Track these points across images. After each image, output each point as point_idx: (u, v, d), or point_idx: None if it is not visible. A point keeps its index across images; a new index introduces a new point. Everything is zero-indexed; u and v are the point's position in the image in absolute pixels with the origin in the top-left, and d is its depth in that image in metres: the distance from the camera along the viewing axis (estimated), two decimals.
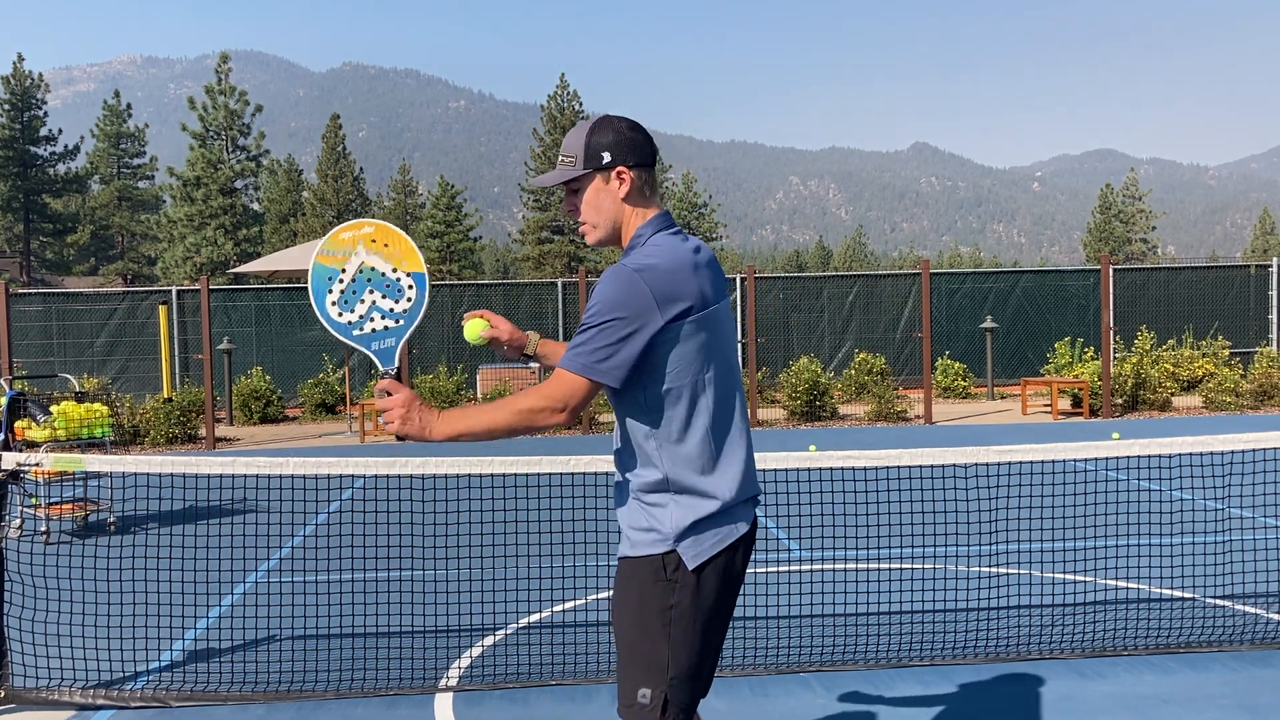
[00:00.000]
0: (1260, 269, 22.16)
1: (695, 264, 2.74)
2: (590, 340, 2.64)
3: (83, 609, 5.76)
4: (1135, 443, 4.85)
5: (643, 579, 2.75)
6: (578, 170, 2.78)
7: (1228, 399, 16.96)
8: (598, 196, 2.80)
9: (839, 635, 5.49)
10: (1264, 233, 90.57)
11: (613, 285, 2.64)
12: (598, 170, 2.78)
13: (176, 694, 4.80)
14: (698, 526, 2.72)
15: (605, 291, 2.64)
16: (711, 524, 2.73)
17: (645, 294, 2.62)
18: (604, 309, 2.63)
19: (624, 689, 2.76)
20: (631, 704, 2.73)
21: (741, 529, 2.79)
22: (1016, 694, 4.63)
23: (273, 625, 5.94)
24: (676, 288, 2.66)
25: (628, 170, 2.78)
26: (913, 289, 21.63)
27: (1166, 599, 6.04)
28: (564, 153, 2.81)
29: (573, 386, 2.65)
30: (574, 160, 2.79)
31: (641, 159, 2.80)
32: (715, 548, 2.74)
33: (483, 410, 2.70)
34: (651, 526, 2.75)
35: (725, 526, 2.76)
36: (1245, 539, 7.54)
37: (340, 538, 8.26)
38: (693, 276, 2.71)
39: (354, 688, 4.86)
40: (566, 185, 2.84)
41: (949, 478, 10.26)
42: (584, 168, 2.78)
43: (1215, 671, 4.86)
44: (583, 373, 2.63)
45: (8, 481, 4.77)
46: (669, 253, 2.70)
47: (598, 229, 2.82)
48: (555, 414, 2.66)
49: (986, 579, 6.55)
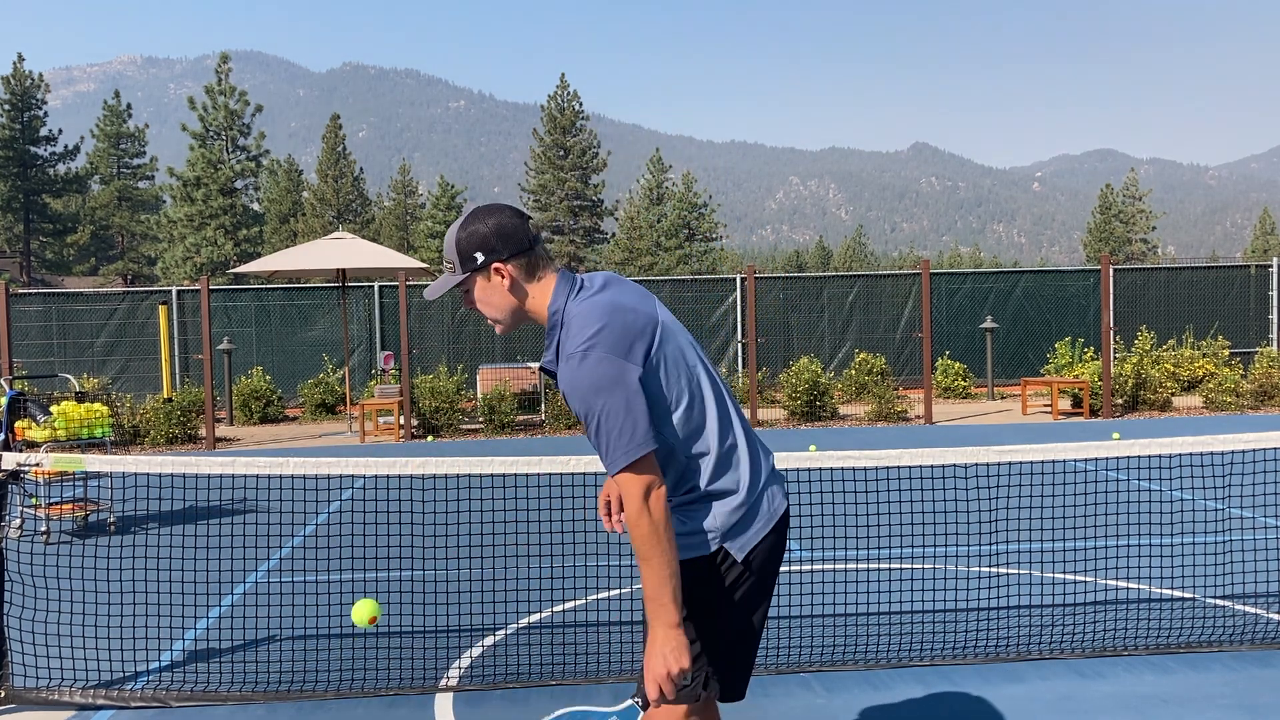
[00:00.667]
0: (1260, 269, 22.15)
1: (616, 300, 2.71)
2: (612, 434, 2.61)
3: (83, 609, 5.76)
4: (1135, 443, 4.85)
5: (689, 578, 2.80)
6: (459, 276, 2.78)
7: (1228, 399, 16.96)
8: (486, 294, 2.80)
9: (839, 635, 5.49)
10: (1264, 233, 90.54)
11: (584, 380, 2.61)
12: (475, 271, 2.77)
13: (176, 694, 4.80)
14: (742, 523, 2.78)
15: (582, 389, 2.61)
16: (751, 515, 2.80)
17: (611, 363, 2.60)
18: (596, 403, 2.60)
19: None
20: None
21: (780, 509, 2.86)
22: (1016, 694, 4.63)
23: (273, 625, 5.94)
24: (626, 337, 2.64)
25: (503, 265, 2.76)
26: (913, 289, 21.63)
27: (1166, 599, 6.03)
28: (445, 258, 2.82)
29: (642, 471, 2.61)
30: (453, 266, 2.80)
31: (517, 248, 2.76)
32: (759, 535, 2.80)
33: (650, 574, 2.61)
34: (694, 530, 2.79)
35: (763, 514, 2.82)
36: (1245, 539, 7.53)
37: (340, 538, 8.26)
38: (626, 313, 2.69)
39: (354, 688, 4.86)
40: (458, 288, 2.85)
41: (949, 478, 10.26)
42: (462, 272, 2.78)
43: (1215, 671, 4.86)
44: (635, 458, 2.60)
45: (8, 481, 4.77)
46: (595, 311, 2.67)
47: (501, 322, 2.84)
48: (655, 494, 2.62)
49: (986, 579, 6.55)
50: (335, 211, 61.62)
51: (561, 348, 2.72)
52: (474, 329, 20.93)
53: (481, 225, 2.75)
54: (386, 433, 16.00)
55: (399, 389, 15.97)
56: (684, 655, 2.61)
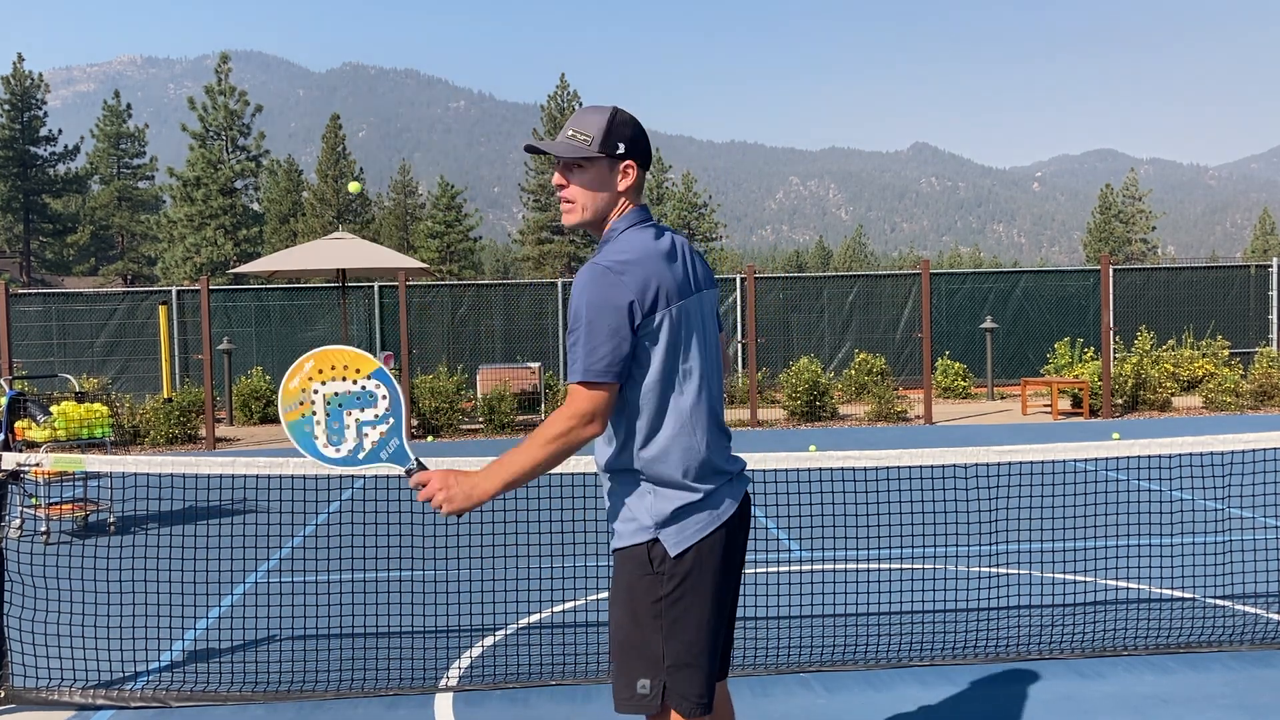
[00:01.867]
0: (1260, 269, 22.15)
1: (667, 257, 2.76)
2: (585, 345, 2.65)
3: (83, 609, 5.75)
4: (1135, 443, 4.85)
5: (630, 569, 2.78)
6: (590, 151, 2.77)
7: (1228, 399, 16.96)
8: (599, 181, 2.81)
9: (839, 635, 5.48)
10: (1264, 233, 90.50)
11: (591, 286, 2.66)
12: (609, 157, 2.79)
13: (176, 694, 4.80)
14: (679, 514, 2.75)
15: (586, 294, 2.66)
16: (693, 510, 2.76)
17: (623, 291, 2.65)
18: (588, 311, 2.65)
19: (621, 682, 2.77)
20: (631, 696, 2.75)
21: (728, 512, 2.81)
22: (1016, 694, 4.63)
23: (273, 625, 5.94)
24: (649, 282, 2.68)
25: (635, 166, 2.82)
26: (913, 289, 21.63)
27: (1166, 599, 6.03)
28: (577, 129, 2.79)
29: (591, 397, 2.67)
30: (588, 141, 2.77)
31: (645, 161, 2.85)
32: (700, 533, 2.75)
33: (519, 452, 2.71)
34: (633, 516, 2.78)
35: (707, 512, 2.77)
36: (1245, 539, 7.53)
37: (340, 538, 8.26)
38: (666, 270, 2.73)
39: (354, 688, 4.86)
40: (566, 160, 2.81)
41: (949, 478, 10.26)
42: (598, 150, 2.78)
43: (1215, 671, 4.86)
44: (593, 379, 2.65)
45: (8, 481, 4.77)
46: (640, 248, 2.73)
47: (585, 211, 2.82)
48: (588, 427, 2.69)
49: (986, 579, 6.55)
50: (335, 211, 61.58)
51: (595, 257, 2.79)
52: (474, 329, 20.93)
53: (634, 125, 2.81)
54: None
55: None
56: (436, 499, 2.71)
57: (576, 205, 2.81)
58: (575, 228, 2.87)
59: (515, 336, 20.86)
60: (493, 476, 2.71)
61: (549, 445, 2.68)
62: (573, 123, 2.80)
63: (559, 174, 2.82)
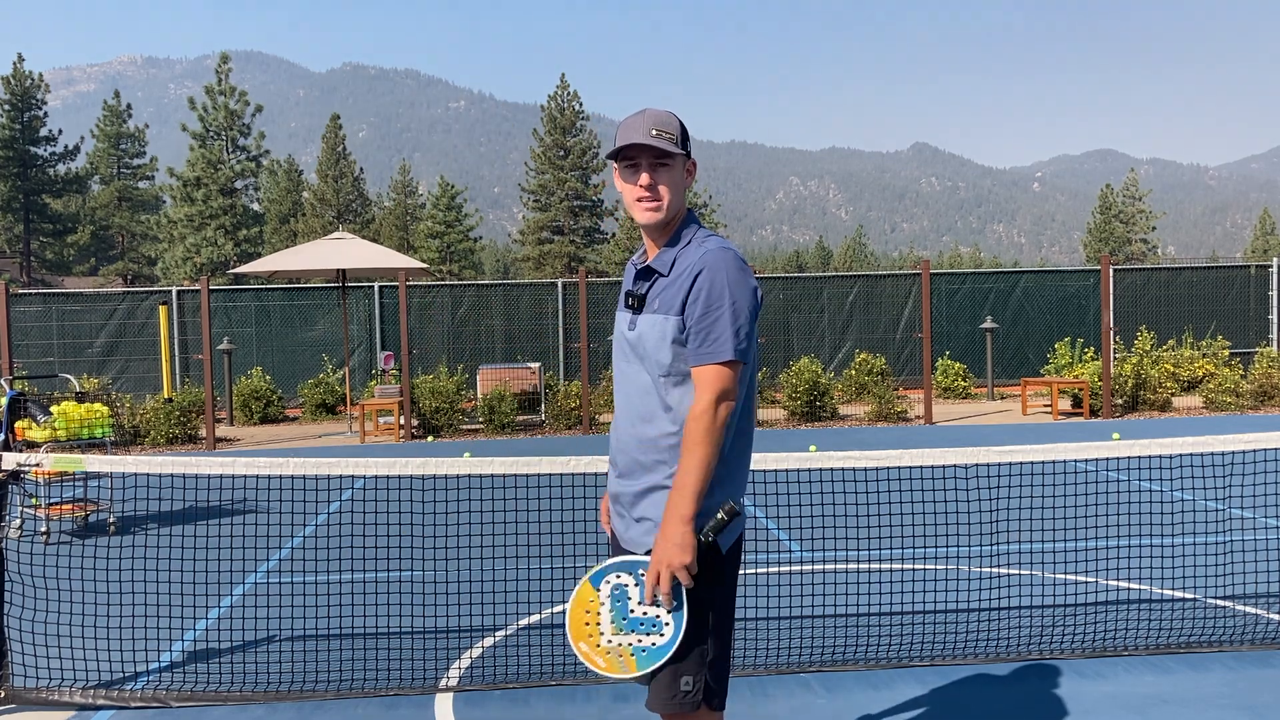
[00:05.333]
0: (1260, 269, 22.16)
1: None
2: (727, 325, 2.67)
3: (82, 609, 5.75)
4: (1136, 443, 4.85)
5: None
6: (677, 149, 2.79)
7: (1228, 399, 16.96)
8: (678, 179, 2.83)
9: (838, 635, 5.48)
10: (1264, 233, 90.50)
11: (733, 269, 2.71)
12: (686, 156, 2.84)
13: (176, 694, 4.80)
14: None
15: (728, 274, 2.69)
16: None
17: (751, 275, 2.75)
18: (733, 291, 2.68)
19: (664, 680, 2.77)
20: (675, 694, 2.76)
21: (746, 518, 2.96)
22: (1016, 694, 4.63)
23: (272, 625, 5.94)
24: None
25: (693, 167, 2.89)
26: (913, 289, 21.63)
27: (1167, 599, 6.03)
28: (660, 128, 2.77)
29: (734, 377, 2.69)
30: (673, 139, 2.79)
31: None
32: (739, 529, 2.86)
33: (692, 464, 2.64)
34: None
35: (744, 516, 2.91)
36: (1246, 539, 7.53)
37: (340, 538, 8.26)
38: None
39: (354, 688, 4.86)
40: (656, 157, 2.80)
41: (949, 478, 10.25)
42: (680, 149, 2.80)
43: (1215, 672, 4.86)
44: (732, 359, 2.67)
45: (8, 482, 4.77)
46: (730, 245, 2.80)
47: (668, 209, 2.81)
48: (728, 408, 2.69)
49: (986, 579, 6.55)
50: (335, 212, 61.59)
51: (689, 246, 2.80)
52: (474, 329, 20.93)
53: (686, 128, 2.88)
54: (386, 433, 16.00)
55: (399, 389, 15.97)
56: (689, 551, 2.63)
57: (664, 202, 2.79)
58: (655, 226, 2.83)
59: (515, 337, 20.86)
60: (685, 496, 2.65)
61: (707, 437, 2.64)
62: (653, 122, 2.77)
63: (647, 173, 2.78)
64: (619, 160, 2.82)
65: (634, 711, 4.55)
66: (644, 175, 2.78)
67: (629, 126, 2.79)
